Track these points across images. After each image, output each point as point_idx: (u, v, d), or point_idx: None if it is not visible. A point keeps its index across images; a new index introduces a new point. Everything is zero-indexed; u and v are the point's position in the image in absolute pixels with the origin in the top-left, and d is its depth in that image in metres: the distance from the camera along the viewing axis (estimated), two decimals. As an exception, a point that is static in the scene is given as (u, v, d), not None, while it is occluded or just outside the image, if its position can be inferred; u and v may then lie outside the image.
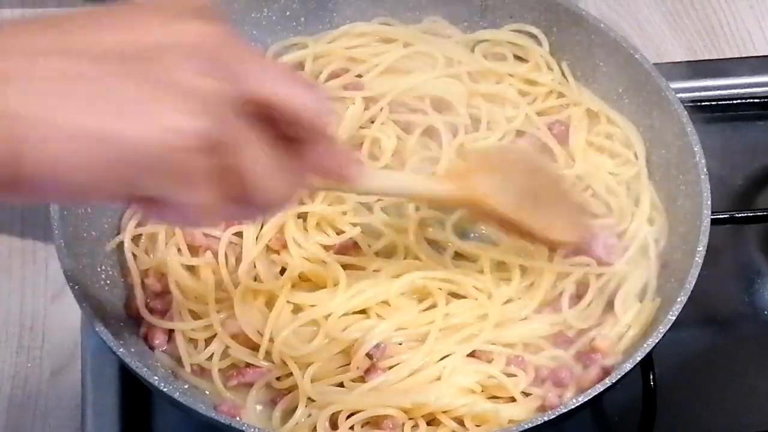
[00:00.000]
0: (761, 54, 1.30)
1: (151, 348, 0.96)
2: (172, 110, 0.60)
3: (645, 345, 0.90)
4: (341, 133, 1.05)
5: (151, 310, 0.97)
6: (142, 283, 0.99)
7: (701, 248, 0.94)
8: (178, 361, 0.95)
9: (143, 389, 0.95)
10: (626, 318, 0.97)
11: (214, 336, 0.95)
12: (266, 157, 0.65)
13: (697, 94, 1.20)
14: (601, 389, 0.88)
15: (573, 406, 0.87)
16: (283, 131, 0.67)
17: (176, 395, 0.87)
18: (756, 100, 1.22)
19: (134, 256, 1.00)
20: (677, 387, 1.03)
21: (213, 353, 0.95)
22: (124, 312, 0.98)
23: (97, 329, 0.89)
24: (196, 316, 0.96)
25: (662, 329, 0.90)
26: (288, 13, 1.13)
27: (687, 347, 1.05)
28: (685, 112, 1.02)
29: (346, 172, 0.75)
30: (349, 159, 0.77)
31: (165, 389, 0.87)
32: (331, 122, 0.69)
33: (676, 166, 1.03)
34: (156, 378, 0.88)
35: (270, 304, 0.97)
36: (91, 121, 0.59)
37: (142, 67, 0.61)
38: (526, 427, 0.85)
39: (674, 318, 0.91)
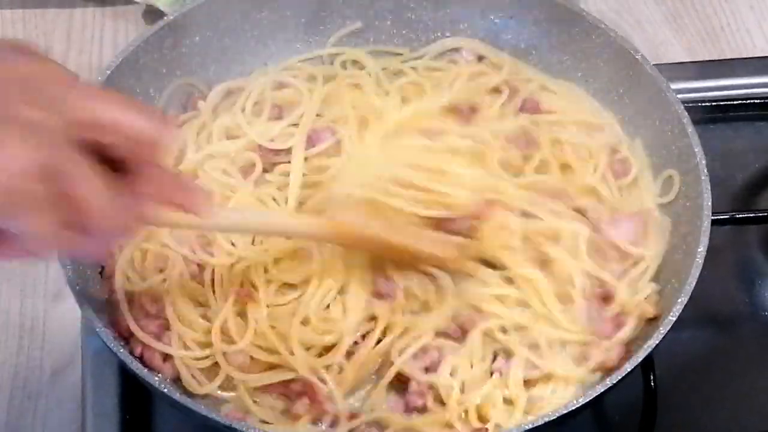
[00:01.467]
0: (761, 54, 1.30)
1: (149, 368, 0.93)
2: (3, 141, 0.63)
3: (646, 346, 0.90)
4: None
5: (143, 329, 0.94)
6: (132, 302, 0.96)
7: (702, 249, 0.94)
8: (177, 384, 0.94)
9: (143, 390, 0.95)
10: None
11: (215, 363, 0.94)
12: (100, 183, 0.67)
13: (697, 94, 1.20)
14: (602, 390, 0.88)
15: (574, 407, 0.87)
16: (119, 159, 0.70)
17: (176, 396, 0.87)
18: (756, 101, 1.22)
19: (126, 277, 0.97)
20: (678, 387, 1.03)
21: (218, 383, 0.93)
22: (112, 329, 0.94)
23: (97, 330, 0.89)
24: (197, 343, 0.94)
25: (663, 330, 0.90)
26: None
27: (687, 348, 1.05)
28: (686, 113, 1.02)
29: (191, 203, 0.76)
30: (193, 188, 0.78)
31: (165, 390, 0.87)
32: (165, 148, 0.71)
33: (677, 167, 1.03)
34: (156, 379, 0.88)
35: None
36: None
37: None
38: (529, 427, 0.86)
39: (675, 318, 0.91)
